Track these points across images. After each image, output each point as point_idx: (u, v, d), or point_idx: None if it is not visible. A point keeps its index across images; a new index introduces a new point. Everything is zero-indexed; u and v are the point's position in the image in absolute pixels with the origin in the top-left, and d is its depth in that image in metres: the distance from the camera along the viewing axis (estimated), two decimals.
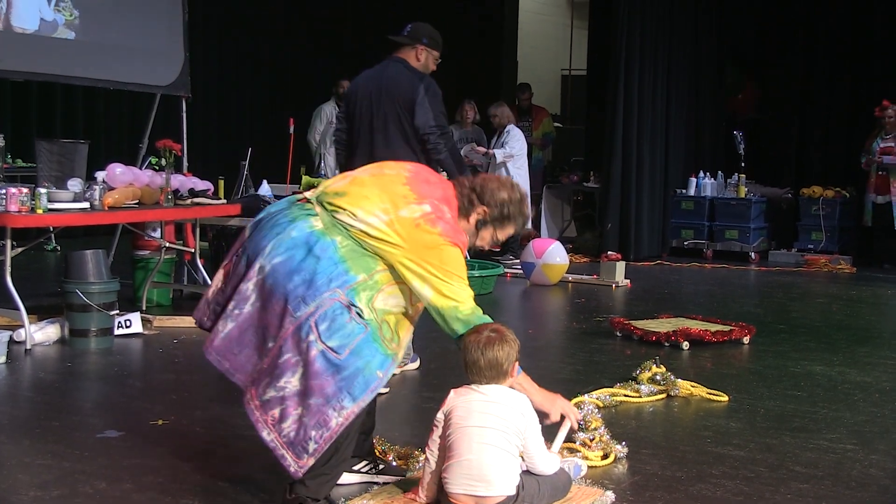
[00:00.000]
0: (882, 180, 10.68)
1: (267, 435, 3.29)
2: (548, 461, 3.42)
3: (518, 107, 12.36)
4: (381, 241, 3.34)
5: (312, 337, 3.23)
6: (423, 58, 5.44)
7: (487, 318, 3.44)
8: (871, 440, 4.48)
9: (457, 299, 3.37)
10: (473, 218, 3.58)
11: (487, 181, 3.64)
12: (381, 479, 3.81)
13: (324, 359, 3.22)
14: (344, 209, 3.37)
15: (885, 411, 5.01)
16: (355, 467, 3.81)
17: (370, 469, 3.84)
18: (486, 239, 3.64)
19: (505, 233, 3.66)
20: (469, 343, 3.36)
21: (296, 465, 3.26)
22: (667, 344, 6.33)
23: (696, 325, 6.56)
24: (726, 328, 6.57)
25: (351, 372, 3.23)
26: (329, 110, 10.98)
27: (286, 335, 3.26)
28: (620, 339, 6.65)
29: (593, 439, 4.17)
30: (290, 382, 3.25)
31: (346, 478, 3.73)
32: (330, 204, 3.41)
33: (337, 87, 11.01)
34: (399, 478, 3.80)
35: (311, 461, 3.25)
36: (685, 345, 6.29)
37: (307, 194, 3.52)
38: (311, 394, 3.22)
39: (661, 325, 6.63)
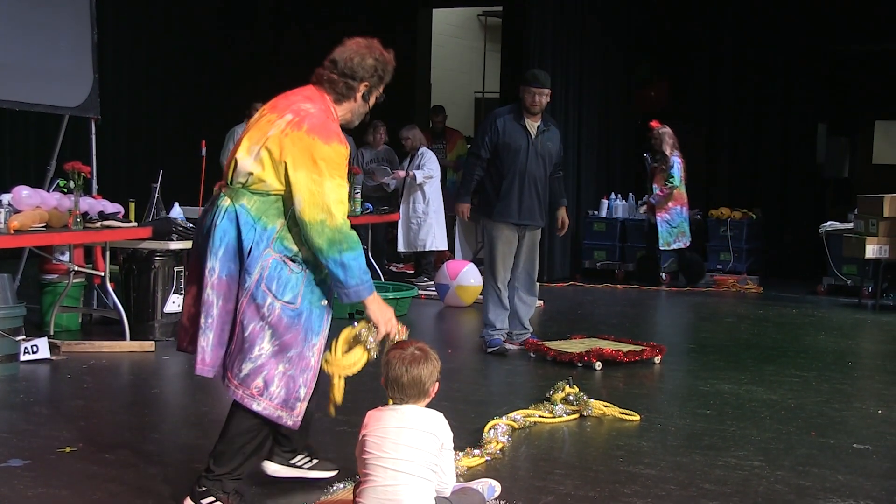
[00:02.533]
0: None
1: (257, 406, 3.50)
2: (452, 479, 3.44)
3: (432, 129, 12.42)
4: (268, 174, 3.53)
5: (269, 299, 3.48)
6: (523, 95, 6.83)
7: (353, 234, 3.56)
8: (777, 457, 4.59)
9: (326, 210, 3.46)
10: (358, 96, 3.77)
11: (348, 60, 3.78)
12: (314, 474, 3.90)
13: (286, 313, 3.50)
14: (235, 173, 3.61)
15: (790, 428, 5.14)
16: (292, 461, 3.95)
17: (305, 463, 3.95)
18: (373, 101, 3.86)
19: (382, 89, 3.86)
20: (393, 359, 3.37)
21: (293, 419, 3.56)
22: (580, 364, 6.40)
23: (608, 346, 6.65)
24: (638, 348, 6.68)
25: (308, 313, 3.57)
26: (241, 132, 10.89)
27: (242, 309, 3.49)
28: (534, 360, 6.71)
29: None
30: (263, 348, 3.50)
31: (282, 471, 3.90)
32: (230, 181, 3.63)
33: (250, 110, 10.93)
34: (332, 473, 3.89)
35: (304, 406, 3.58)
36: (598, 365, 6.37)
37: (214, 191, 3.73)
38: (287, 348, 3.52)
39: (574, 346, 6.71)
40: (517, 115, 6.81)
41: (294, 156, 3.51)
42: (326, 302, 3.64)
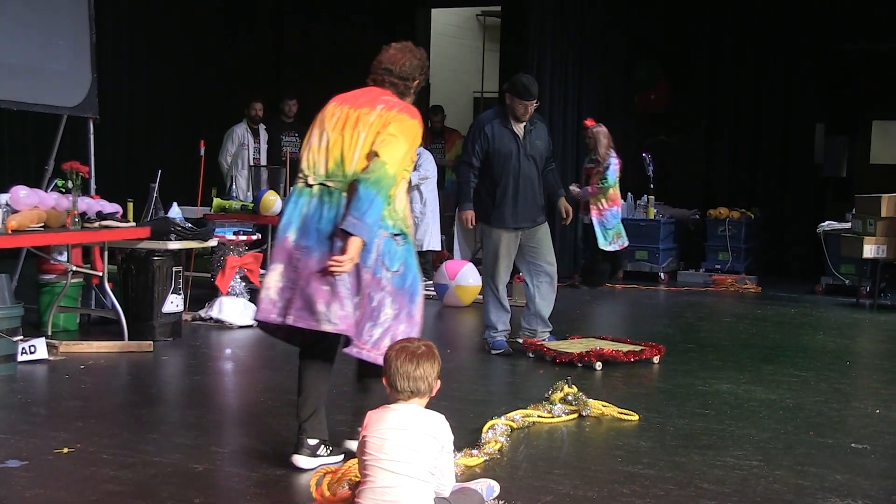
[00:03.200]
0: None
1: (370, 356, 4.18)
2: (451, 480, 3.44)
3: (431, 129, 12.41)
4: (365, 155, 4.13)
5: (384, 271, 4.14)
6: (509, 103, 6.80)
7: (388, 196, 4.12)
8: (776, 456, 4.59)
9: (392, 158, 4.08)
10: (412, 92, 4.51)
11: (401, 65, 4.51)
12: (336, 458, 4.26)
13: (396, 281, 4.17)
14: (339, 167, 4.17)
15: (788, 428, 5.14)
16: (318, 452, 4.26)
17: (328, 452, 4.30)
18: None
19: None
20: (402, 352, 3.37)
21: None
22: (580, 365, 6.40)
23: (608, 346, 6.64)
24: (637, 348, 6.67)
25: (411, 278, 4.24)
26: (240, 132, 10.89)
27: (367, 283, 4.11)
28: (533, 360, 6.70)
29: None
30: (387, 314, 4.16)
31: (311, 462, 4.20)
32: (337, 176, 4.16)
33: (249, 110, 10.94)
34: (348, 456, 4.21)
35: None
36: (598, 365, 6.37)
37: (310, 181, 4.21)
38: (401, 310, 4.19)
39: (573, 346, 6.70)
40: (504, 119, 6.81)
41: (386, 127, 4.17)
42: (413, 259, 4.31)
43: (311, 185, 4.20)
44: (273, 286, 4.16)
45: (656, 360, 6.65)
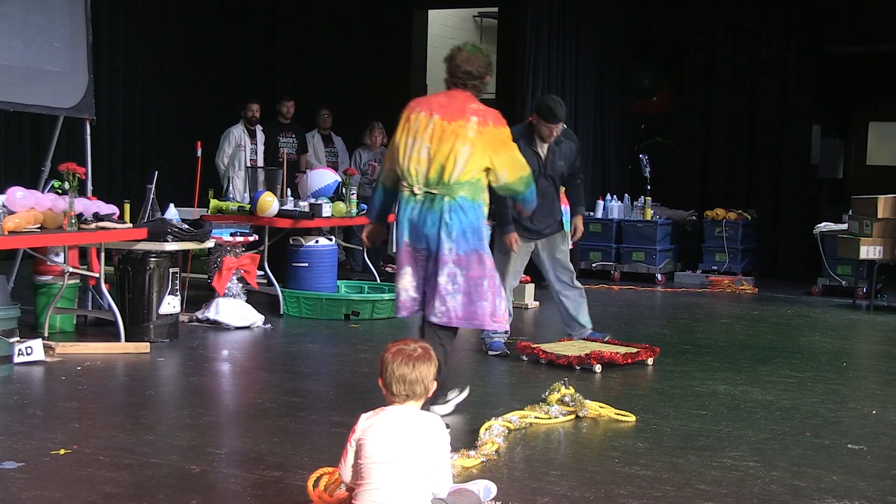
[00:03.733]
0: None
1: (506, 325, 5.26)
2: (448, 481, 3.44)
3: None
4: (478, 165, 4.80)
5: (487, 252, 4.91)
6: (535, 123, 6.78)
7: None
8: (773, 457, 4.59)
9: (522, 167, 5.00)
10: (485, 86, 5.13)
11: (478, 66, 5.00)
12: (461, 397, 5.23)
13: (488, 255, 4.93)
14: (444, 174, 4.78)
15: (785, 428, 5.14)
16: (448, 399, 5.13)
17: (454, 395, 5.22)
18: None
19: None
20: (398, 355, 3.36)
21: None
22: (578, 367, 6.39)
23: (606, 349, 6.63)
24: (633, 350, 6.67)
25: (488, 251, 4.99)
26: (237, 133, 10.88)
27: (490, 269, 4.90)
28: (529, 361, 6.71)
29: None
30: (494, 288, 4.91)
31: (446, 408, 5.06)
32: (439, 184, 4.79)
33: (246, 111, 10.94)
34: (466, 392, 5.30)
35: None
36: (598, 367, 6.36)
37: (415, 189, 4.82)
38: (495, 280, 4.95)
39: (567, 349, 6.70)
40: (529, 139, 6.77)
41: (494, 146, 4.85)
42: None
43: (416, 194, 4.85)
44: (410, 286, 4.93)
45: (650, 361, 6.65)
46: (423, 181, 4.81)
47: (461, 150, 4.76)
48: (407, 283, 4.92)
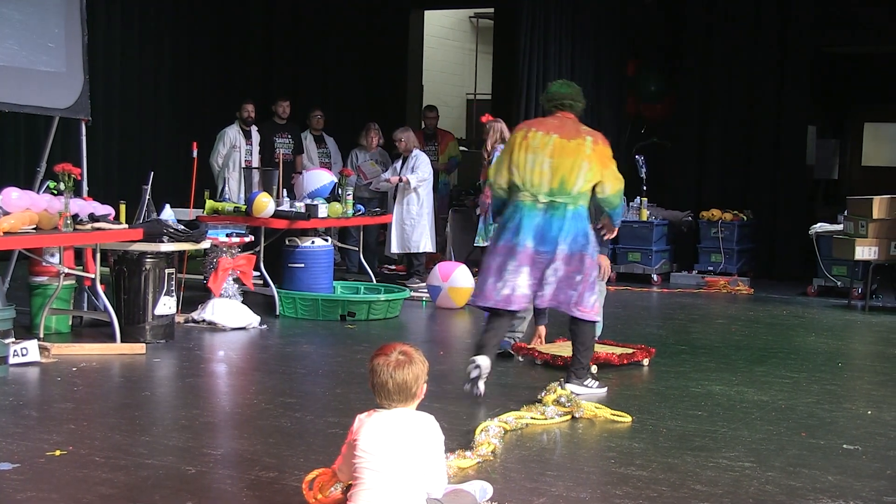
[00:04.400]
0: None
1: (598, 317, 5.81)
2: (443, 481, 3.44)
3: (425, 129, 12.42)
4: (594, 179, 5.58)
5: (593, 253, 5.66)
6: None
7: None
8: (768, 457, 4.60)
9: (620, 181, 5.70)
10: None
11: (579, 94, 5.90)
12: (601, 390, 5.83)
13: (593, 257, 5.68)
14: (563, 186, 5.54)
15: (780, 429, 5.15)
16: (585, 383, 5.79)
17: (594, 385, 5.86)
18: None
19: None
20: (378, 365, 3.36)
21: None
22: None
23: (601, 349, 6.63)
24: (629, 350, 6.67)
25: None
26: (232, 134, 10.88)
27: (588, 268, 5.57)
28: (525, 361, 6.71)
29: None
30: (595, 285, 5.65)
31: (581, 390, 5.65)
32: (561, 194, 5.54)
33: (241, 111, 10.93)
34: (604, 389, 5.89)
35: None
36: (594, 368, 6.36)
37: (540, 198, 5.55)
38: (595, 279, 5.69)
39: (563, 350, 6.69)
40: None
41: (604, 161, 5.61)
42: None
43: (540, 202, 5.53)
44: (524, 284, 5.53)
45: (646, 362, 6.66)
46: (546, 191, 5.53)
47: (582, 164, 5.52)
48: (522, 281, 5.54)
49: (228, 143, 10.76)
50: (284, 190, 9.32)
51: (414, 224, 10.46)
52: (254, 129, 10.99)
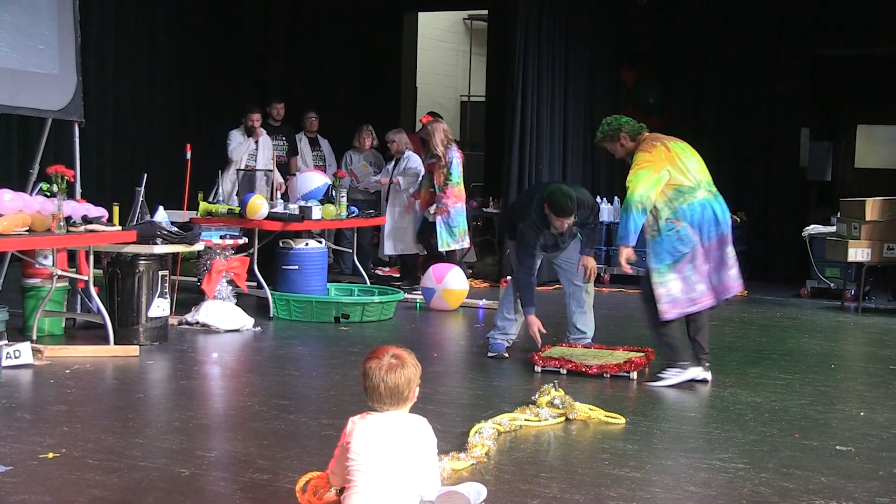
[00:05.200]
0: (430, 196, 10.13)
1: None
2: (437, 483, 3.44)
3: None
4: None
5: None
6: (546, 212, 6.69)
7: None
8: (761, 459, 4.61)
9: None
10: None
11: (632, 121, 6.50)
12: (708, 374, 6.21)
13: None
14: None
15: (774, 430, 5.15)
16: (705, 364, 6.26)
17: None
18: None
19: None
20: (370, 369, 3.36)
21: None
22: (608, 376, 6.30)
23: (638, 356, 6.54)
24: (638, 355, 6.59)
25: None
26: (238, 137, 10.75)
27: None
28: (519, 362, 6.71)
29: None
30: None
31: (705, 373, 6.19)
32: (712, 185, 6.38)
33: (246, 120, 10.75)
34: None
35: None
36: (633, 374, 6.31)
37: (713, 190, 6.33)
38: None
39: (588, 357, 6.59)
40: (546, 226, 6.72)
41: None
42: None
43: (713, 193, 6.23)
44: (703, 281, 6.11)
45: (633, 375, 6.54)
46: (707, 184, 6.20)
47: (700, 167, 6.31)
48: (702, 275, 6.12)
49: (235, 143, 10.66)
50: (279, 192, 9.31)
51: (406, 226, 10.45)
52: (263, 135, 10.85)
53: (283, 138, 11.37)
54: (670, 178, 6.10)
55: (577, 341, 7.06)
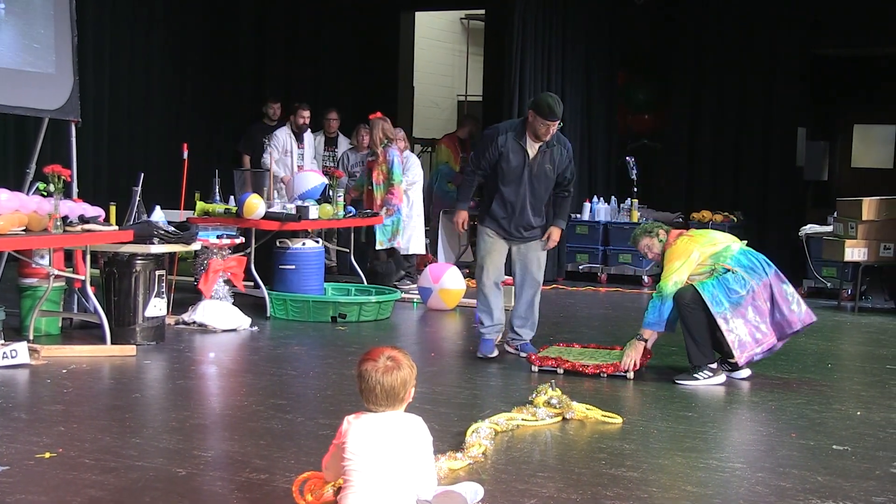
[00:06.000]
0: (369, 194, 10.17)
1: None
2: (433, 483, 3.44)
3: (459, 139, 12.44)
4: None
5: None
6: (531, 121, 6.63)
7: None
8: (758, 458, 4.61)
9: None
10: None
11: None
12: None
13: None
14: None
15: (770, 430, 5.16)
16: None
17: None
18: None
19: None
20: (366, 371, 3.36)
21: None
22: (604, 376, 6.33)
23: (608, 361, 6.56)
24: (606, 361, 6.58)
25: None
26: (283, 137, 10.63)
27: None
28: (516, 362, 6.71)
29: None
30: None
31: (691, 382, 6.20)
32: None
33: (297, 117, 10.58)
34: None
35: None
36: (630, 375, 6.30)
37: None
38: None
39: (588, 356, 6.60)
40: (519, 134, 6.67)
41: None
42: None
43: (743, 244, 6.48)
44: (764, 321, 6.24)
45: (631, 375, 6.54)
46: (736, 240, 6.57)
47: None
48: (763, 315, 6.28)
49: (280, 148, 10.52)
50: (275, 192, 9.29)
51: (405, 226, 10.45)
52: (308, 133, 10.78)
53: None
54: (700, 256, 6.29)
55: (513, 341, 7.01)
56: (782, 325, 6.25)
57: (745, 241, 6.60)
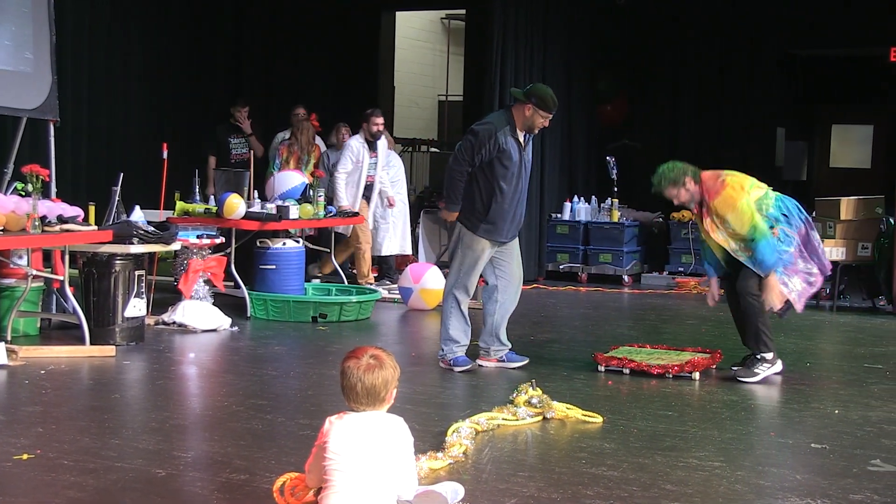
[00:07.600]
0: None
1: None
2: (414, 483, 3.44)
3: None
4: None
5: None
6: (529, 114, 6.43)
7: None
8: (737, 457, 4.63)
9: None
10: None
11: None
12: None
13: None
14: None
15: (749, 429, 5.19)
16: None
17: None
18: None
19: None
20: (348, 368, 3.36)
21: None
22: (670, 376, 6.30)
23: (701, 356, 6.56)
24: (704, 356, 6.59)
25: None
26: (357, 147, 10.53)
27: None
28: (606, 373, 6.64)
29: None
30: None
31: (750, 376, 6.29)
32: None
33: (369, 125, 10.28)
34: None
35: None
36: (696, 375, 6.30)
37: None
38: None
39: (650, 356, 6.58)
40: (513, 128, 6.40)
41: None
42: None
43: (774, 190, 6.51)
44: (813, 264, 6.43)
45: (696, 375, 6.42)
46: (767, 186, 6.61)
47: None
48: (808, 260, 6.45)
49: (354, 158, 10.27)
50: (255, 191, 9.26)
51: (378, 226, 10.45)
52: (381, 140, 10.46)
53: (243, 137, 11.18)
54: (752, 200, 6.36)
55: (496, 355, 6.58)
56: (821, 268, 6.49)
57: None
